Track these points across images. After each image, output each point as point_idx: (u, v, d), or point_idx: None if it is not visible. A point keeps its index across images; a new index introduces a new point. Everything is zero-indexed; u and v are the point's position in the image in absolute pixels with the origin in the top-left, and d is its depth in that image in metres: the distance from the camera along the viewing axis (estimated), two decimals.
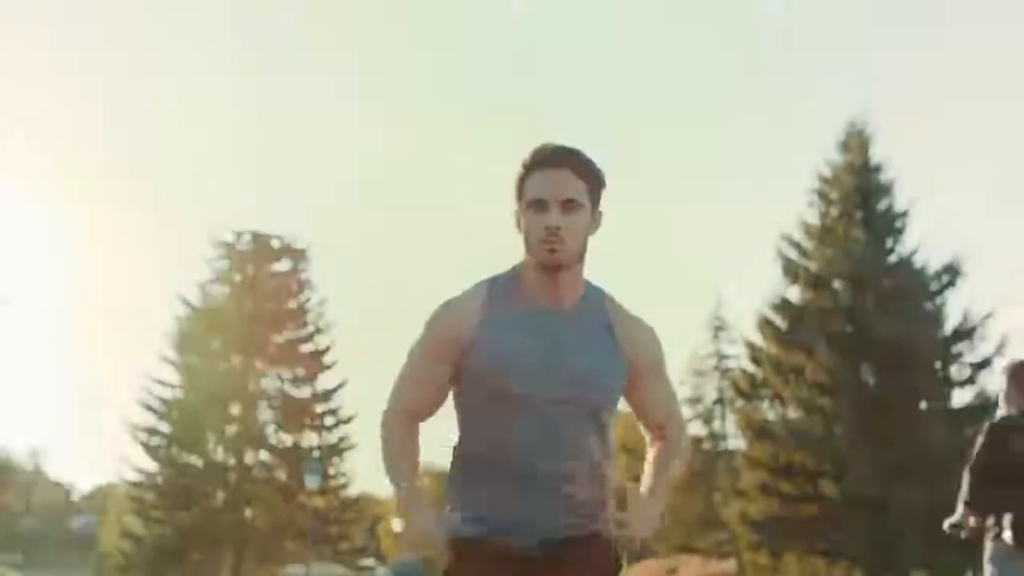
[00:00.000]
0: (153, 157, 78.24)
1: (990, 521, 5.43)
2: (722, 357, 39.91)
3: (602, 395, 2.76)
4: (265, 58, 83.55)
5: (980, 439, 5.54)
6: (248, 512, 35.57)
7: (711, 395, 39.92)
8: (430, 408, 2.83)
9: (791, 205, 35.95)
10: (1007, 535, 5.34)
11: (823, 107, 64.06)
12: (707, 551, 35.19)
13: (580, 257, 2.76)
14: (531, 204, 2.72)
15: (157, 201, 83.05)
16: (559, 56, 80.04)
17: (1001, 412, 5.65)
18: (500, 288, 2.80)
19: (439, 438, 2.97)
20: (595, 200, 2.77)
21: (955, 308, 28.58)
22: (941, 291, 28.21)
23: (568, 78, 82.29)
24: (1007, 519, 5.34)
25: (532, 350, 2.72)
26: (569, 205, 2.70)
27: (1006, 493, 5.37)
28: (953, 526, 5.56)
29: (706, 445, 38.95)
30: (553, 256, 2.69)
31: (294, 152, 78.30)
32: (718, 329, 40.11)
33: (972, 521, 5.47)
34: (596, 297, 2.83)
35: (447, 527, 2.76)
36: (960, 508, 5.53)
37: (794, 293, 28.98)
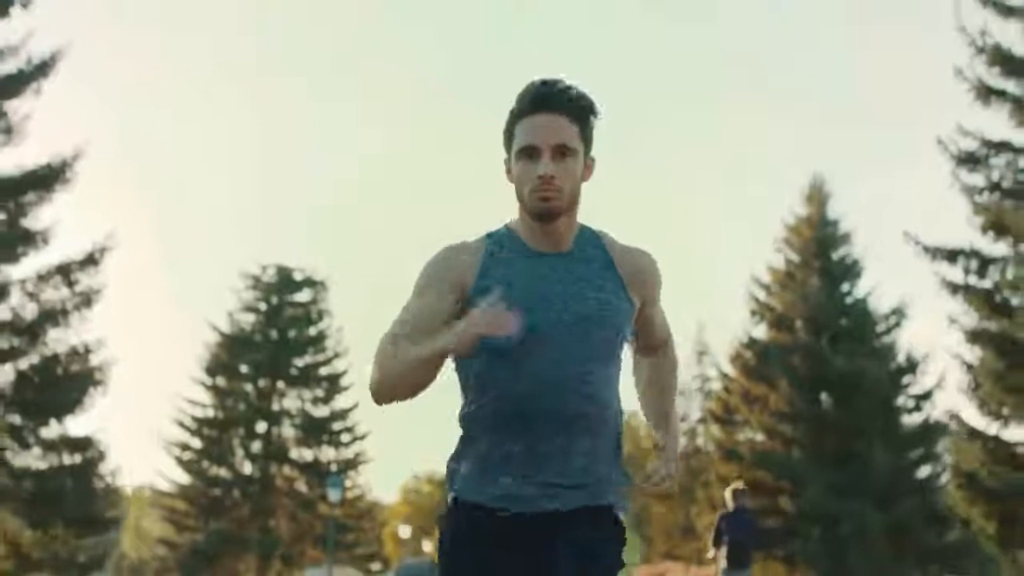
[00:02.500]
0: (189, 198, 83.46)
1: (718, 553, 12.29)
2: (705, 379, 44.59)
3: (612, 332, 2.71)
4: (294, 108, 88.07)
5: (717, 519, 12.40)
6: (272, 521, 39.00)
7: (695, 414, 44.65)
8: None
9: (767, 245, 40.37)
10: (723, 563, 12.22)
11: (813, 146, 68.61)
12: (688, 558, 39.95)
13: (574, 203, 2.71)
14: (521, 151, 2.66)
15: (191, 236, 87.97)
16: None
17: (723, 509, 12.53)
18: (498, 237, 2.77)
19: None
20: (588, 142, 2.71)
21: (902, 345, 33.24)
22: (889, 331, 32.97)
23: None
24: (723, 552, 12.21)
25: (539, 288, 2.68)
26: (561, 151, 2.64)
27: (723, 541, 12.20)
28: (710, 558, 12.36)
29: (692, 463, 43.68)
30: (547, 205, 2.65)
31: (318, 192, 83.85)
32: (701, 353, 44.87)
33: (715, 555, 12.32)
34: (592, 237, 2.79)
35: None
36: (712, 549, 12.38)
37: (761, 331, 33.80)
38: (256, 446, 39.52)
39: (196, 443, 39.27)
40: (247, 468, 39.34)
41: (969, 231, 19.76)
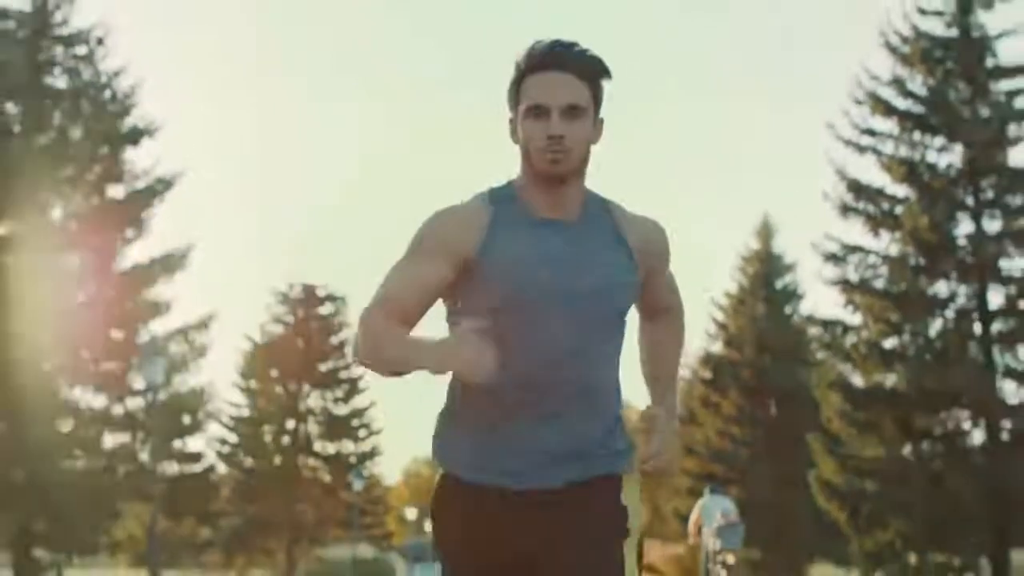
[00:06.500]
0: (223, 223, 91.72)
1: None
2: (680, 379, 53.48)
3: (618, 306, 2.78)
4: (316, 139, 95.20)
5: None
6: (299, 506, 45.28)
7: None
8: (418, 309, 2.75)
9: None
10: None
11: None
12: (665, 536, 49.04)
13: (583, 166, 2.74)
14: (530, 110, 2.69)
15: (228, 257, 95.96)
16: None
17: None
18: (502, 198, 2.77)
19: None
20: (597, 103, 2.75)
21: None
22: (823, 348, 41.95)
23: None
24: None
25: (547, 256, 2.70)
26: (571, 111, 2.68)
27: None
28: None
29: None
30: (556, 167, 2.68)
31: (340, 218, 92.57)
32: None
33: None
34: (599, 205, 2.83)
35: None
36: None
37: (718, 346, 42.87)
38: (285, 440, 45.86)
39: (233, 438, 45.32)
40: (277, 460, 45.58)
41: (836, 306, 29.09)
